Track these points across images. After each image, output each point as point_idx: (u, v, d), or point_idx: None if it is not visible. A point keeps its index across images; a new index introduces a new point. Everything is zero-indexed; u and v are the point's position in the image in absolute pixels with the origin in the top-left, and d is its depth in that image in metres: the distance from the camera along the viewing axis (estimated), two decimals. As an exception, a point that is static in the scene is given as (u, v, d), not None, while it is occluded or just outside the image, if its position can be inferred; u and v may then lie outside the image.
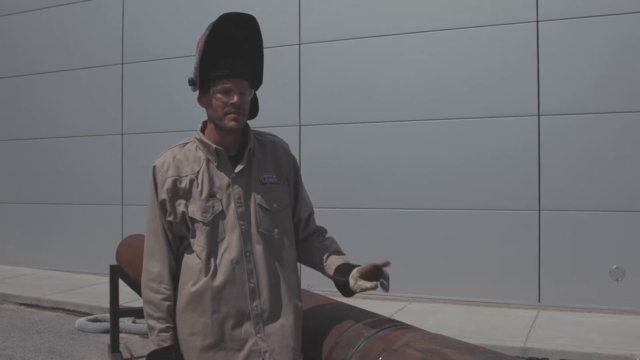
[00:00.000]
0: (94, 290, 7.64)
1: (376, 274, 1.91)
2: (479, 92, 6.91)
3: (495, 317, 6.09)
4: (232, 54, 1.98)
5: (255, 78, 2.05)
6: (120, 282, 4.85)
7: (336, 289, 2.08)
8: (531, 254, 6.66)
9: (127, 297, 5.77)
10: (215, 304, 1.96)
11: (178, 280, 2.05)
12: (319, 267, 2.12)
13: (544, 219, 6.64)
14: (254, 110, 2.09)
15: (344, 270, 2.01)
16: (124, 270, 4.77)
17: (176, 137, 9.55)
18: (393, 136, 7.29)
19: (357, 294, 2.01)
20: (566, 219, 6.55)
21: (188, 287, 1.99)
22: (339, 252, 2.10)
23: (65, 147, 9.39)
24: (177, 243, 2.05)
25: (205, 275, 1.96)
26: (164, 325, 2.00)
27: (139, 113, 8.84)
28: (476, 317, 6.10)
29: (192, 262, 2.00)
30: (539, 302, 6.61)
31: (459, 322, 5.90)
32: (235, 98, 1.94)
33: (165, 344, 2.00)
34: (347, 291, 2.00)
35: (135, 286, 4.93)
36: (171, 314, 2.02)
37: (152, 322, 2.02)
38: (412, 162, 7.19)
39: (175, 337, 2.02)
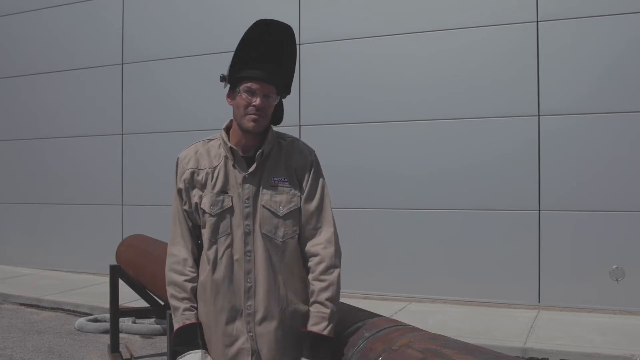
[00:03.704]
0: (94, 290, 7.63)
1: None
2: (479, 92, 6.91)
3: (495, 317, 6.09)
4: (265, 59, 2.02)
5: (283, 86, 2.08)
6: (120, 282, 4.85)
7: None
8: (531, 254, 6.66)
9: (127, 297, 5.77)
10: (213, 296, 2.02)
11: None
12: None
13: (544, 219, 6.64)
14: (279, 117, 2.13)
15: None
16: (124, 270, 4.77)
17: (176, 137, 9.50)
18: (393, 136, 7.29)
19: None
20: (566, 219, 6.55)
21: (200, 277, 2.07)
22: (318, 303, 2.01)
23: (65, 147, 9.39)
24: (197, 231, 2.11)
25: (209, 267, 2.03)
26: (187, 305, 2.05)
27: (139, 113, 8.84)
28: (476, 317, 6.09)
29: (204, 253, 2.07)
30: (539, 302, 6.60)
31: (459, 322, 5.90)
32: (258, 100, 1.98)
33: (189, 322, 2.03)
34: None
35: (135, 286, 4.93)
36: (195, 295, 2.07)
37: (176, 303, 2.06)
38: (412, 162, 7.19)
39: (198, 317, 2.06)
